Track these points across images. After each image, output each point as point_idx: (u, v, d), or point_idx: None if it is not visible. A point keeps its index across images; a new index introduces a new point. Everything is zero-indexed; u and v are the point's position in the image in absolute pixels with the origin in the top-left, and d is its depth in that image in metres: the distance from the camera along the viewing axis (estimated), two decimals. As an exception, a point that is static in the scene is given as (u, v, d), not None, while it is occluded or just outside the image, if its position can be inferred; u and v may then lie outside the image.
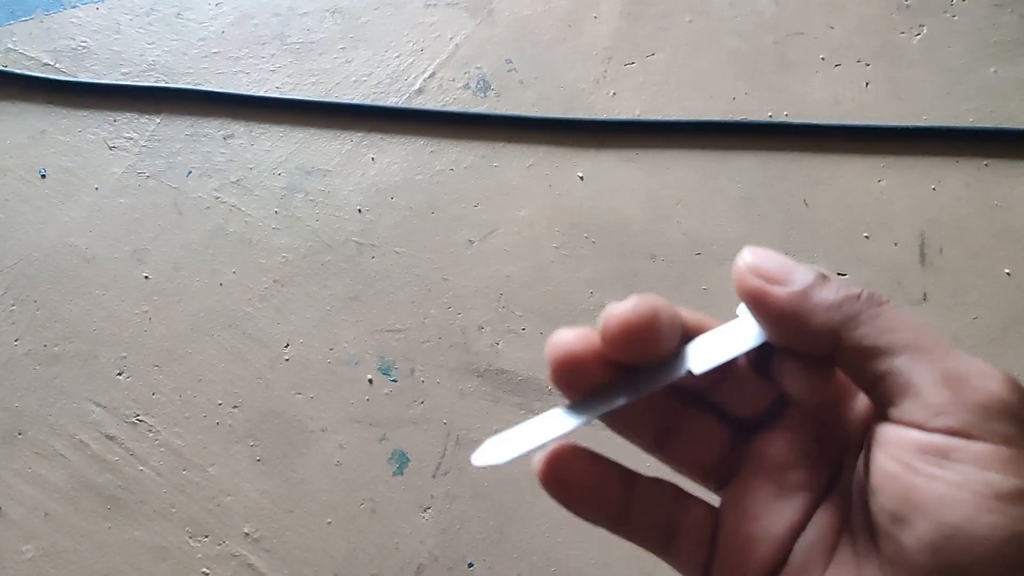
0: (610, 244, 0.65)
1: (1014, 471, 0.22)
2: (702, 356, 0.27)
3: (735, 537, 0.28)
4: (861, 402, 0.29)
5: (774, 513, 0.28)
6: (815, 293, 0.25)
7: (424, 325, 0.63)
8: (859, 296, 0.25)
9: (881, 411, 0.25)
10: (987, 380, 0.23)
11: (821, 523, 0.28)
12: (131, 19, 0.72)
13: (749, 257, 0.27)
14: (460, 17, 0.72)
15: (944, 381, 0.23)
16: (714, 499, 0.30)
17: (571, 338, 0.27)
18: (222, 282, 0.64)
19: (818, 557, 0.27)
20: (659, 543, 0.29)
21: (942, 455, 0.23)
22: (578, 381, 0.27)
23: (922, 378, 0.24)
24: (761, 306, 0.26)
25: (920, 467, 0.23)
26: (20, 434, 0.60)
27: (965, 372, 0.24)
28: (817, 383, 0.27)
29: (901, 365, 0.24)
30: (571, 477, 0.28)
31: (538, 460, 0.28)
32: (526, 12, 0.73)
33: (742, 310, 0.28)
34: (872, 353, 0.24)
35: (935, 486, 0.23)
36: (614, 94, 0.70)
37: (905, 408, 0.24)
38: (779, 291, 0.26)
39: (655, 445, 0.30)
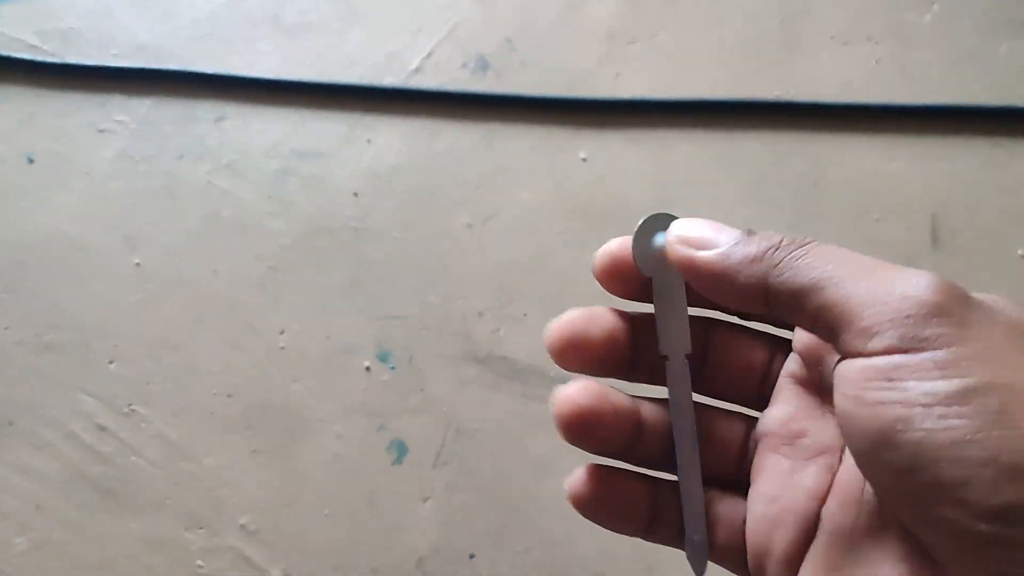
0: (613, 228, 0.63)
1: (954, 371, 0.21)
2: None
3: (759, 523, 0.28)
4: None
5: (792, 488, 0.28)
6: (737, 250, 0.26)
7: (423, 312, 0.61)
8: (779, 244, 0.25)
9: (834, 350, 0.25)
10: (912, 288, 0.23)
11: (844, 483, 0.27)
12: (121, 0, 0.70)
13: (678, 229, 0.27)
14: (458, -5, 0.70)
15: (871, 301, 0.23)
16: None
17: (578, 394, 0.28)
18: (216, 269, 0.62)
19: (847, 519, 0.26)
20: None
21: (886, 377, 0.22)
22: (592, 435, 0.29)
23: (850, 304, 0.23)
24: (691, 272, 0.27)
25: (868, 396, 0.22)
26: (11, 424, 0.59)
27: (890, 286, 0.23)
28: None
29: (829, 297, 0.24)
30: (601, 497, 0.29)
31: (570, 487, 0.29)
32: (526, -10, 0.71)
33: None
34: (801, 293, 0.24)
35: (886, 411, 0.22)
36: (618, 74, 0.68)
37: (845, 339, 0.23)
38: (704, 255, 0.26)
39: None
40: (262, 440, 0.58)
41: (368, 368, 0.60)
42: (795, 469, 0.28)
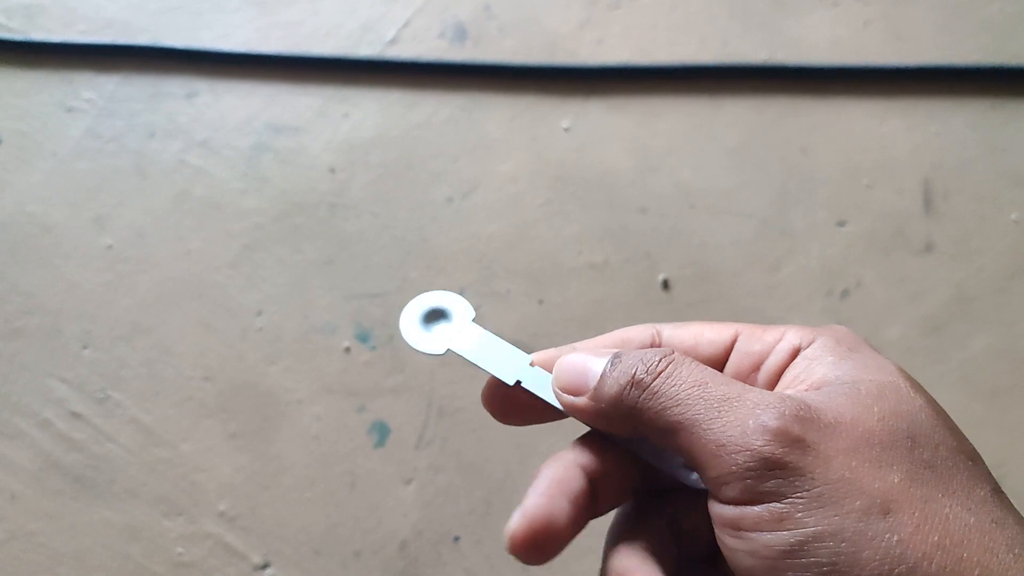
0: (598, 198, 0.62)
1: (790, 523, 0.22)
2: None
3: None
4: None
5: None
6: (603, 392, 0.26)
7: (403, 289, 0.60)
8: (633, 380, 0.25)
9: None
10: (752, 436, 0.23)
11: None
12: (86, -28, 0.68)
13: (556, 373, 0.28)
14: (434, -39, 0.68)
15: (717, 451, 0.23)
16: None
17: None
18: (189, 249, 0.61)
19: None
20: None
21: (735, 526, 0.23)
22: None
23: (702, 452, 0.24)
24: (577, 416, 0.27)
25: (727, 541, 0.24)
26: (-17, 413, 0.57)
27: (730, 435, 0.23)
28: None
29: (683, 442, 0.24)
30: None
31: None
32: (504, -46, 0.68)
33: None
34: (661, 435, 0.25)
35: (740, 558, 0.23)
36: (600, 40, 0.66)
37: (705, 481, 0.24)
38: (580, 402, 0.27)
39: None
40: (239, 424, 0.57)
41: (347, 348, 0.58)
42: None
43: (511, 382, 0.28)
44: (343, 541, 0.54)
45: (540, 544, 0.26)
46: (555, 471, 0.27)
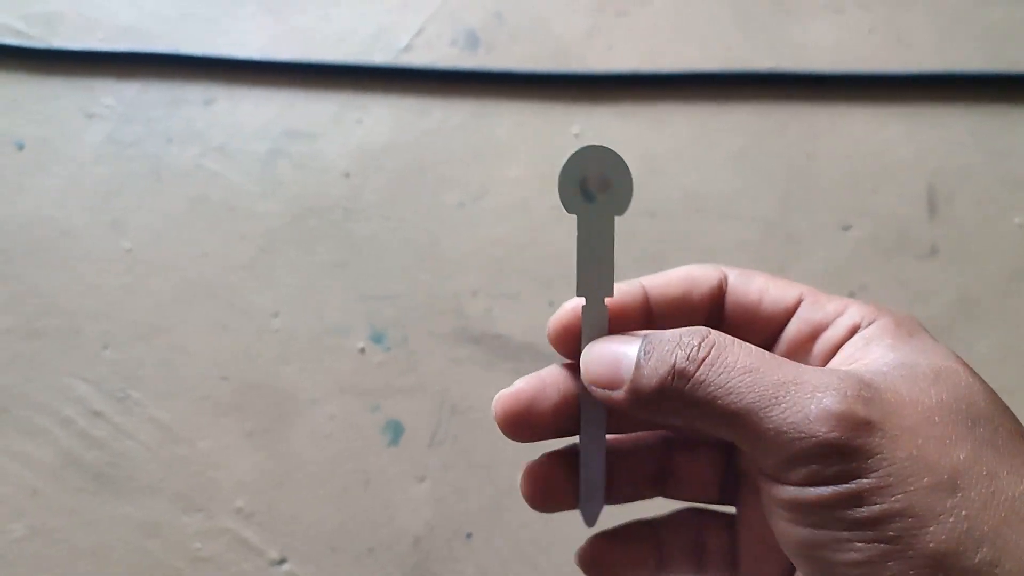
0: (606, 203, 0.63)
1: (856, 502, 0.22)
2: None
3: (750, 554, 0.30)
4: None
5: None
6: (641, 384, 0.26)
7: (415, 291, 0.61)
8: (673, 370, 0.25)
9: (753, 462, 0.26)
10: (813, 424, 0.23)
11: None
12: (105, -19, 0.70)
13: (584, 369, 0.28)
14: (446, -30, 0.69)
15: (775, 440, 0.23)
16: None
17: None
18: (205, 251, 0.62)
19: None
20: (693, 568, 0.32)
21: (799, 505, 0.24)
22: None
23: (758, 441, 0.24)
24: (615, 410, 0.27)
25: (786, 516, 0.24)
26: (5, 411, 0.59)
27: (791, 422, 0.23)
28: None
29: (737, 433, 0.24)
30: (610, 564, 0.31)
31: (577, 554, 0.31)
32: (515, -37, 0.70)
33: None
34: (713, 426, 0.25)
35: (797, 532, 0.24)
36: (609, 46, 0.67)
37: (762, 465, 0.25)
38: (617, 396, 0.26)
39: (658, 491, 0.32)
40: (256, 422, 0.58)
41: (362, 349, 0.59)
42: None
43: (576, 297, 0.28)
44: (357, 537, 0.56)
45: (518, 420, 0.29)
46: (556, 368, 0.30)
